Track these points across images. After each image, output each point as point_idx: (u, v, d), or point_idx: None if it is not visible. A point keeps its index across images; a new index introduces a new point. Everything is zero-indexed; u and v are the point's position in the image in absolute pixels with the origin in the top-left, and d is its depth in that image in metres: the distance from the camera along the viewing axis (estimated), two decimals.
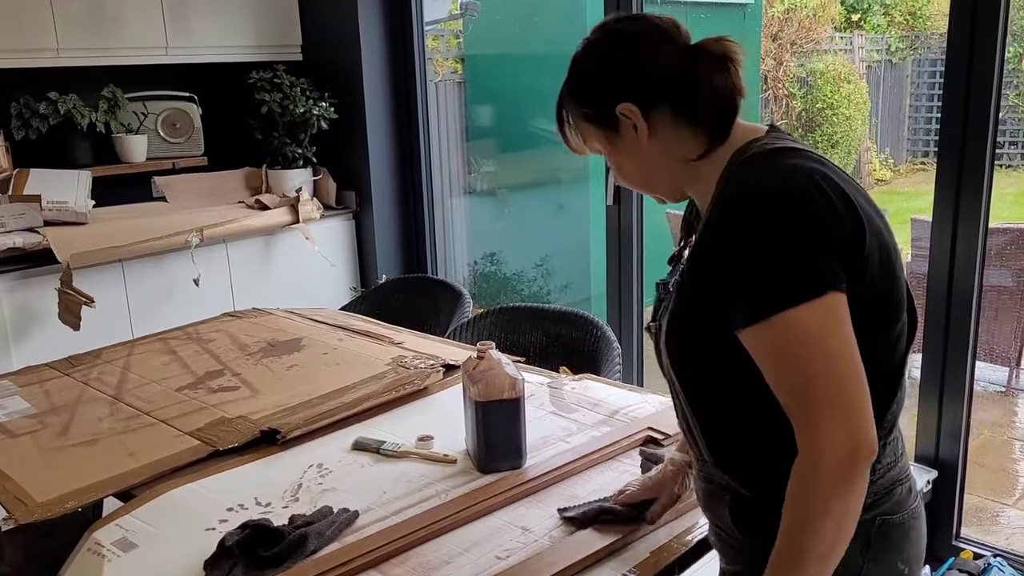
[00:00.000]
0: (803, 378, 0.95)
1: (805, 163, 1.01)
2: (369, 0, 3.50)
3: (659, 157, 1.11)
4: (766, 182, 1.00)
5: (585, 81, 1.13)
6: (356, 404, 1.82)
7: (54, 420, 1.84)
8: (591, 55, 1.13)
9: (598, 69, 1.11)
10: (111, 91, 3.27)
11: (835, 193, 0.98)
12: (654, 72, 1.08)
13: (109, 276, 3.00)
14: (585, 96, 1.12)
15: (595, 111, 1.11)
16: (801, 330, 0.94)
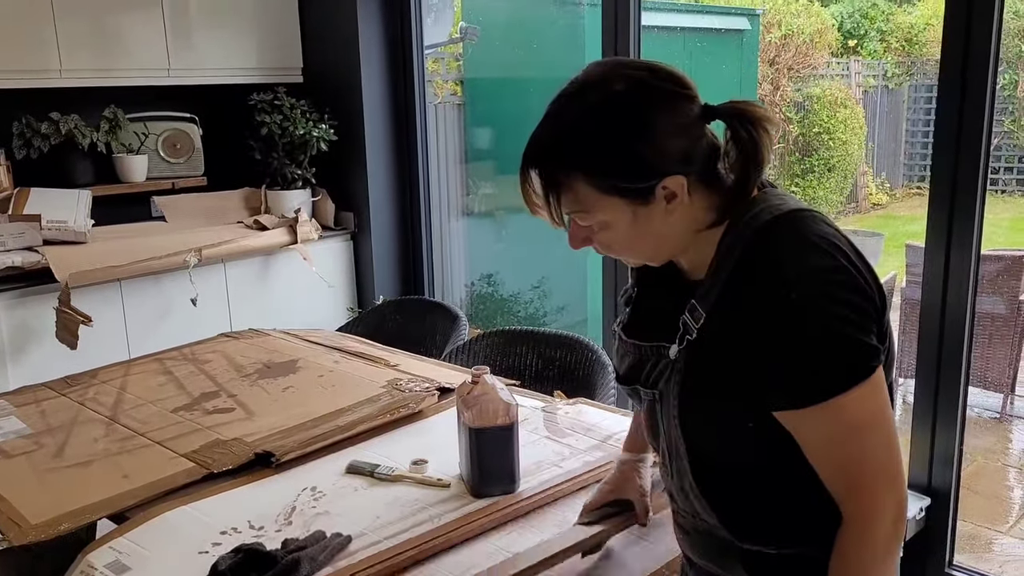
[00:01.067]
0: (857, 455, 0.98)
1: (827, 231, 1.00)
2: (370, 24, 3.54)
3: (678, 227, 1.04)
4: (803, 261, 0.97)
5: (616, 150, 0.99)
6: (351, 427, 1.82)
7: (49, 441, 1.85)
8: (614, 116, 0.99)
9: (634, 135, 0.98)
10: (112, 112, 3.30)
11: (861, 262, 0.99)
12: (698, 139, 1.01)
13: (107, 295, 3.01)
14: (620, 168, 0.99)
15: (636, 186, 1.00)
16: (856, 412, 0.96)
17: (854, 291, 0.96)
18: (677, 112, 0.99)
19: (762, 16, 6.82)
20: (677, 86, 1.01)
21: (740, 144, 1.00)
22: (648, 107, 0.99)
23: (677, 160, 0.99)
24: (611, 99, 0.99)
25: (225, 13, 3.44)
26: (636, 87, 0.99)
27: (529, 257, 4.61)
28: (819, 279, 0.96)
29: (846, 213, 8.12)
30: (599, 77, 1.02)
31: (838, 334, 0.95)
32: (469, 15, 4.66)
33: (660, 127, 0.98)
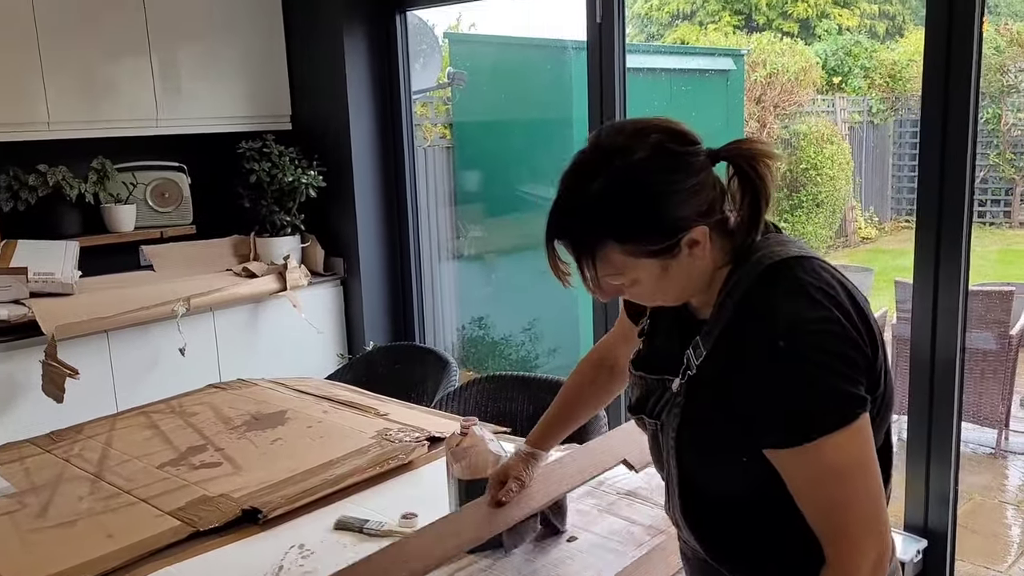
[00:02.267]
0: (839, 500, 1.01)
1: (824, 279, 1.03)
2: (358, 70, 3.57)
3: (700, 270, 1.07)
4: (799, 311, 1.00)
5: (648, 218, 1.02)
6: (340, 480, 1.80)
7: (33, 500, 1.82)
8: (644, 188, 1.02)
9: (663, 201, 1.02)
10: (100, 163, 3.30)
11: (856, 310, 1.02)
12: (710, 187, 1.04)
13: (94, 347, 2.99)
14: (652, 233, 1.03)
15: (665, 245, 1.03)
16: (836, 455, 0.99)
17: (843, 341, 0.99)
18: (693, 168, 1.03)
19: (747, 56, 6.92)
20: (689, 143, 1.04)
21: (746, 182, 1.04)
22: (670, 171, 1.02)
23: (700, 213, 1.03)
24: (636, 168, 1.02)
25: (213, 62, 3.46)
26: (657, 153, 1.02)
27: (520, 299, 4.61)
28: (809, 330, 0.99)
29: (836, 248, 8.16)
30: (620, 146, 1.04)
31: (823, 383, 0.98)
32: (457, 60, 4.71)
33: (682, 187, 1.02)
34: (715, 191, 1.05)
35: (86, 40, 3.12)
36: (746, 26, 10.73)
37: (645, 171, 1.02)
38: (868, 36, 10.47)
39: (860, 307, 1.03)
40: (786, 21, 10.68)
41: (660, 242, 1.03)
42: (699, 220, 1.03)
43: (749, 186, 1.04)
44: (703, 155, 1.04)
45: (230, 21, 3.49)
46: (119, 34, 3.20)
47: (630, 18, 11.28)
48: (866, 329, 1.02)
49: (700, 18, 11.06)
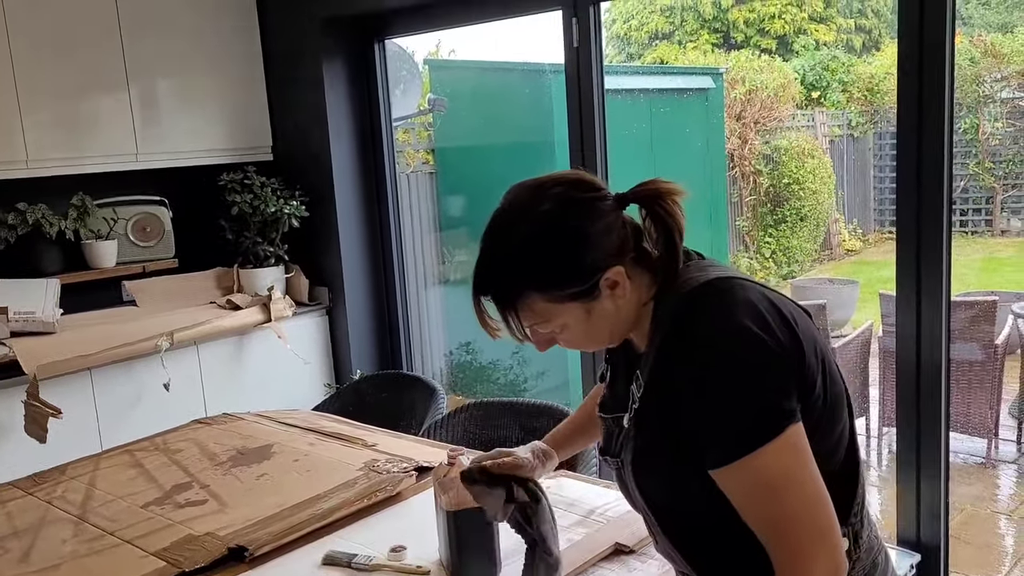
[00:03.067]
0: (777, 515, 1.01)
1: (747, 297, 1.05)
2: (338, 99, 3.58)
3: (625, 308, 1.12)
4: (721, 329, 1.03)
5: (563, 264, 1.08)
6: (327, 515, 1.78)
7: (15, 545, 1.78)
8: (554, 236, 1.07)
9: (575, 247, 1.07)
10: (80, 199, 3.28)
11: (779, 323, 1.04)
12: (622, 228, 1.10)
13: (77, 385, 2.95)
14: (569, 278, 1.08)
15: (583, 287, 1.08)
16: (766, 471, 1.00)
17: (760, 354, 1.01)
18: (600, 213, 1.08)
19: (726, 74, 6.98)
20: (593, 191, 1.10)
21: (658, 220, 1.10)
22: (577, 217, 1.08)
23: (612, 254, 1.08)
24: (544, 219, 1.08)
25: (192, 95, 3.46)
26: (562, 203, 1.08)
27: None
28: (726, 346, 1.02)
29: (821, 261, 8.21)
30: (528, 201, 1.10)
31: (743, 398, 1.00)
32: (437, 86, 4.73)
33: (592, 232, 1.07)
34: (626, 231, 1.10)
35: (63, 76, 3.11)
36: (724, 44, 10.85)
37: (553, 220, 1.08)
38: (845, 51, 10.61)
39: (785, 316, 1.04)
40: (764, 38, 10.80)
41: (578, 286, 1.08)
42: (613, 261, 1.08)
43: (661, 224, 1.09)
44: (610, 199, 1.10)
45: (208, 53, 3.50)
46: (96, 69, 3.20)
47: (609, 38, 11.39)
48: (790, 336, 1.03)
49: (679, 37, 11.18)
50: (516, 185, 1.14)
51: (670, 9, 11.19)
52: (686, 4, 11.01)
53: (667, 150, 5.47)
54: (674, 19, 11.21)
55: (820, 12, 11.00)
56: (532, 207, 1.09)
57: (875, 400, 4.09)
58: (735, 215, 7.54)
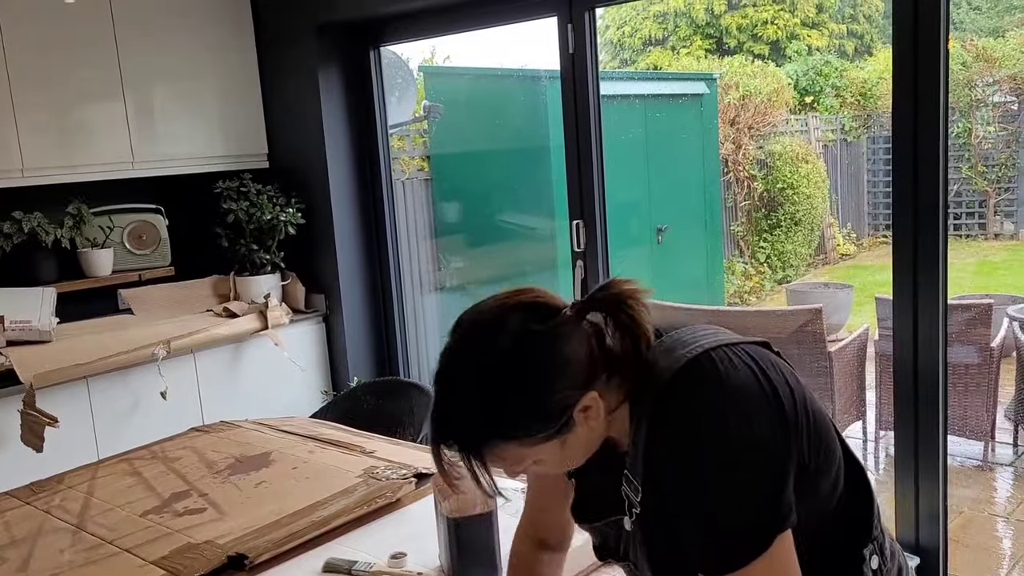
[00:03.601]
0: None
1: (730, 383, 0.98)
2: (334, 106, 3.58)
3: (599, 426, 1.03)
4: (705, 431, 0.96)
5: (530, 410, 0.98)
6: (327, 522, 1.77)
7: (13, 555, 1.78)
8: (517, 382, 0.97)
9: (542, 389, 0.98)
10: (76, 207, 3.28)
11: (767, 406, 0.97)
12: (584, 350, 1.00)
13: (74, 394, 2.94)
14: (539, 423, 0.99)
15: (556, 427, 0.99)
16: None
17: (749, 450, 0.95)
18: (564, 340, 0.99)
19: (719, 79, 7.00)
20: (553, 315, 1.00)
21: (621, 326, 1.01)
22: (538, 356, 0.98)
23: (582, 384, 0.99)
24: (503, 364, 0.97)
25: (188, 103, 3.46)
26: (520, 341, 0.98)
27: None
28: (709, 455, 0.95)
29: (815, 265, 8.23)
30: (482, 342, 1.00)
31: (731, 511, 0.95)
32: (432, 93, 4.73)
33: (558, 367, 0.98)
34: (592, 345, 1.00)
35: (58, 84, 3.11)
36: (718, 50, 10.89)
37: (514, 364, 0.97)
38: (837, 56, 10.65)
39: (775, 388, 0.99)
40: (756, 44, 10.84)
41: (550, 427, 0.99)
42: (584, 391, 0.98)
43: (623, 328, 1.01)
44: (570, 318, 1.00)
45: (204, 61, 3.50)
46: (92, 77, 3.20)
47: (603, 44, 11.42)
48: (781, 417, 0.97)
49: (672, 43, 11.22)
50: (468, 316, 1.03)
51: (663, 15, 11.23)
52: (679, 10, 11.05)
53: (662, 155, 5.49)
54: (667, 25, 11.25)
55: (812, 17, 11.05)
56: (488, 348, 0.98)
57: (872, 404, 4.10)
58: (730, 220, 7.56)
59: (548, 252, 4.42)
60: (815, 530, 1.03)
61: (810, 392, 1.05)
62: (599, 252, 2.97)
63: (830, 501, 1.04)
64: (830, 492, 1.05)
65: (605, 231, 2.99)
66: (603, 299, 1.02)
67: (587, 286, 2.97)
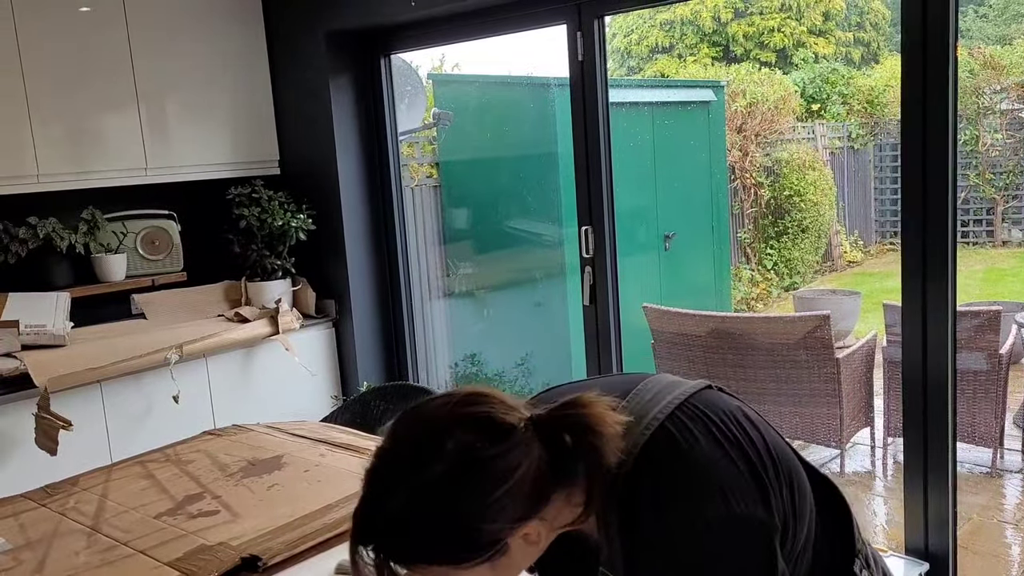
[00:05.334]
0: None
1: (702, 461, 0.94)
2: (344, 113, 3.61)
3: (544, 542, 0.96)
4: (684, 524, 0.92)
5: (458, 542, 0.90)
6: (338, 524, 1.79)
7: (29, 556, 1.80)
8: (446, 515, 0.88)
9: (472, 525, 0.89)
10: (90, 213, 3.31)
11: (743, 480, 0.94)
12: (534, 474, 0.90)
13: (87, 397, 2.97)
14: (465, 553, 0.90)
15: (487, 556, 0.91)
16: None
17: (733, 533, 0.91)
18: (509, 470, 0.89)
19: (726, 87, 7.02)
20: (501, 438, 0.90)
21: (580, 454, 0.92)
22: (479, 490, 0.89)
23: (522, 515, 0.91)
24: (436, 487, 0.88)
25: (201, 110, 3.49)
26: (459, 464, 0.88)
27: (512, 334, 4.62)
28: (695, 550, 0.92)
29: (823, 272, 8.23)
30: (418, 454, 0.90)
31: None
32: (441, 101, 4.76)
33: (496, 500, 0.89)
34: (541, 470, 0.90)
35: (74, 92, 3.15)
36: (724, 57, 10.91)
37: (444, 492, 0.88)
38: (844, 63, 10.66)
39: (739, 444, 0.95)
40: (763, 51, 10.86)
41: (478, 556, 0.90)
42: (524, 522, 0.90)
43: (585, 456, 0.91)
44: (522, 443, 0.90)
45: (217, 69, 3.53)
46: (107, 85, 3.23)
47: (610, 52, 11.45)
48: (750, 478, 0.94)
49: (679, 51, 11.24)
50: (411, 419, 0.95)
51: (670, 23, 11.25)
52: (686, 18, 11.07)
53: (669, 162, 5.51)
54: (674, 33, 11.28)
55: (819, 25, 11.06)
56: (421, 467, 0.89)
57: (880, 410, 4.10)
58: (736, 227, 7.57)
59: (556, 258, 4.45)
60: (802, 564, 1.02)
61: (763, 423, 1.02)
62: (607, 258, 2.99)
63: (810, 532, 1.02)
64: (808, 524, 1.02)
65: (613, 237, 3.01)
66: (564, 422, 0.92)
67: (595, 292, 2.99)
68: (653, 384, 1.01)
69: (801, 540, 1.01)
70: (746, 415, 1.01)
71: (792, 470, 1.01)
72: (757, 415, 1.03)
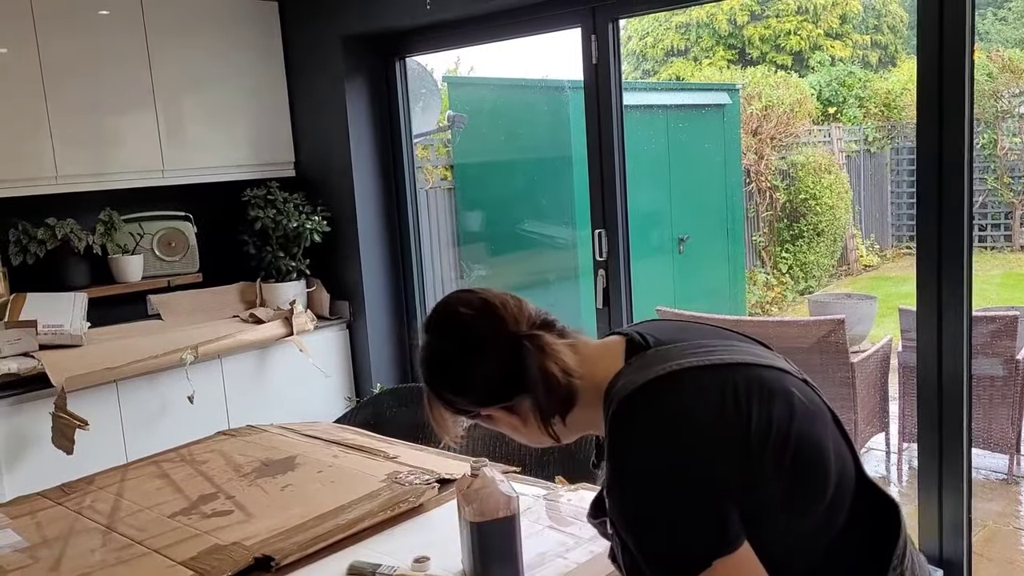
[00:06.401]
0: None
1: (675, 404, 1.01)
2: (359, 115, 3.62)
3: (529, 431, 1.18)
4: (632, 461, 1.01)
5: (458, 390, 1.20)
6: (351, 525, 1.80)
7: (46, 554, 1.82)
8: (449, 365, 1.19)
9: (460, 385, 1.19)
10: (108, 214, 3.34)
11: (710, 429, 0.99)
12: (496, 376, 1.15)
13: (103, 397, 3.00)
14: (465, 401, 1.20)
15: (473, 411, 1.21)
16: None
17: (681, 478, 0.97)
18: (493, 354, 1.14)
19: (742, 90, 7.00)
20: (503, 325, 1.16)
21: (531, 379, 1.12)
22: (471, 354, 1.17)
23: (494, 397, 1.17)
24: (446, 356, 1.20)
25: (217, 112, 3.52)
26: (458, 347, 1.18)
27: None
28: (643, 484, 0.99)
29: (838, 276, 8.18)
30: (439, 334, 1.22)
31: (659, 541, 0.98)
32: (456, 103, 4.77)
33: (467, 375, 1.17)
34: (503, 371, 1.13)
35: (92, 94, 3.18)
36: (740, 60, 10.87)
37: (450, 360, 1.18)
38: (861, 66, 10.61)
39: (743, 409, 1.00)
40: (779, 54, 10.82)
41: (476, 407, 1.19)
42: (492, 405, 1.17)
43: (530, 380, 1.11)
44: (496, 349, 1.14)
45: (232, 71, 3.56)
46: (124, 87, 3.26)
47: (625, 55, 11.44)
48: (723, 441, 0.99)
49: (694, 54, 11.22)
50: (455, 294, 1.23)
51: (685, 26, 11.23)
52: (701, 21, 11.05)
53: (684, 165, 5.50)
54: (689, 36, 11.25)
55: (836, 28, 11.01)
56: (441, 340, 1.21)
57: (895, 415, 4.08)
58: (752, 230, 7.54)
59: (570, 260, 4.45)
60: (807, 561, 1.03)
61: (811, 425, 1.04)
62: (621, 261, 2.99)
63: (824, 534, 1.03)
64: (822, 524, 1.04)
65: (627, 240, 3.01)
66: (526, 350, 1.12)
67: (609, 294, 2.99)
68: (718, 343, 1.11)
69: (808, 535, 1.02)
70: (791, 403, 1.04)
71: (806, 465, 1.02)
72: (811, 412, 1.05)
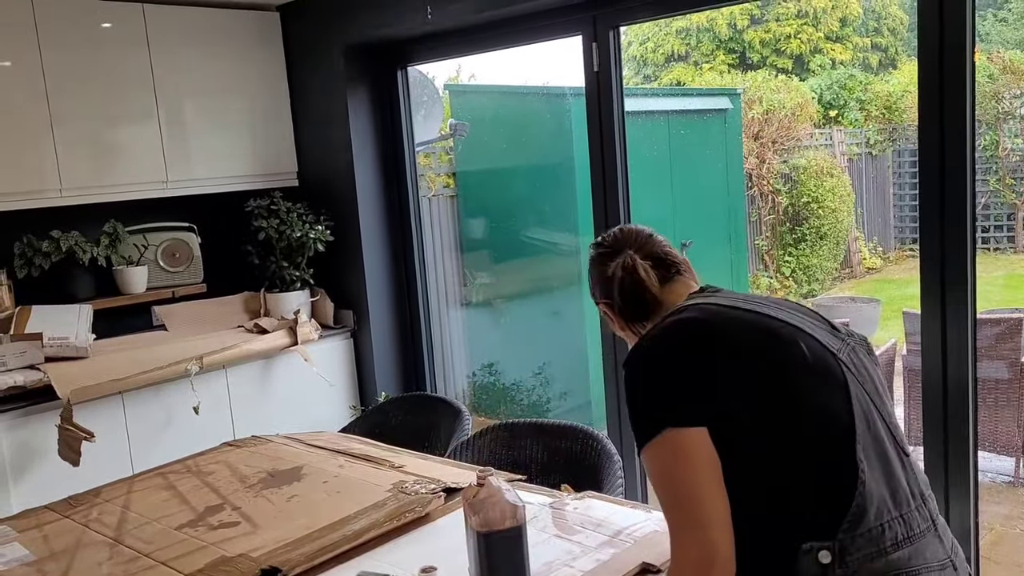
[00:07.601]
0: (662, 499, 1.23)
1: (677, 321, 1.32)
2: (362, 124, 3.63)
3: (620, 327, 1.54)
4: (635, 349, 1.33)
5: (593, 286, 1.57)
6: (358, 536, 1.80)
7: (53, 567, 1.82)
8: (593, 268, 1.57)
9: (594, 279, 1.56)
10: (112, 226, 3.35)
11: (690, 344, 1.28)
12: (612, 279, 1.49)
13: (109, 409, 3.00)
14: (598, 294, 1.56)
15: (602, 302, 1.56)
16: (651, 465, 1.25)
17: (651, 369, 1.28)
18: (603, 268, 1.52)
19: (743, 94, 7.00)
20: (606, 250, 1.54)
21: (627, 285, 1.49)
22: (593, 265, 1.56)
23: (596, 294, 1.55)
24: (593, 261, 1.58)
25: (220, 123, 3.53)
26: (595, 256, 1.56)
27: (529, 344, 4.62)
28: (632, 364, 1.31)
29: (841, 279, 8.17)
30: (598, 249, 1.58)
31: (632, 406, 1.29)
32: (457, 111, 4.78)
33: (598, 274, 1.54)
34: (616, 282, 1.48)
35: (96, 107, 3.19)
36: (741, 65, 10.88)
37: (591, 257, 1.57)
38: (862, 69, 10.61)
39: (701, 338, 1.27)
40: (780, 58, 10.83)
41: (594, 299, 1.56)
42: (600, 296, 1.53)
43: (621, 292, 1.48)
44: (615, 262, 1.49)
45: (235, 83, 3.57)
46: (127, 99, 3.28)
47: (626, 60, 11.45)
48: (696, 358, 1.25)
49: (695, 59, 11.23)
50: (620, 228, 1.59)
51: (686, 31, 11.25)
52: (702, 26, 11.06)
53: (686, 170, 5.50)
54: (690, 40, 11.27)
55: (836, 31, 11.02)
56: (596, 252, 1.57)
57: (900, 419, 4.06)
58: (754, 234, 7.54)
59: (572, 267, 4.45)
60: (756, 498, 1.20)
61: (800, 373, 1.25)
62: None
63: (772, 478, 1.20)
64: (775, 466, 1.20)
65: None
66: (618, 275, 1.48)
67: None
68: (763, 300, 1.39)
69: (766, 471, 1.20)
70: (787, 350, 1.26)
71: (781, 406, 1.22)
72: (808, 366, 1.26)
